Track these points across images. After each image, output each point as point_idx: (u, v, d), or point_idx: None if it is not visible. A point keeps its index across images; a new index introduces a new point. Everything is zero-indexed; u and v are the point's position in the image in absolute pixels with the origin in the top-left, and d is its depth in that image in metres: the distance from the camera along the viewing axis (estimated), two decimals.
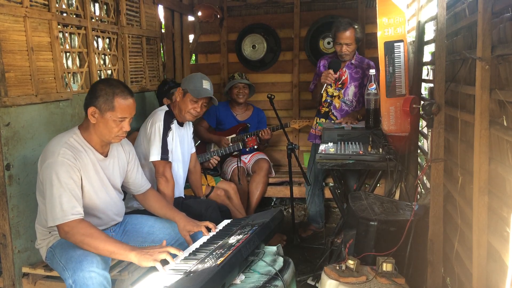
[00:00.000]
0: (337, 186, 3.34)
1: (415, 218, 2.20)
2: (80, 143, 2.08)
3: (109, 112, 2.03)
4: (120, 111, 2.05)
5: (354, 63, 3.48)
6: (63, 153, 1.97)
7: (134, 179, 2.39)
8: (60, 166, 1.95)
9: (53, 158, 1.96)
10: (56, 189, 1.93)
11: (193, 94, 2.71)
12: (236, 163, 3.81)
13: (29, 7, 2.33)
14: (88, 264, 1.86)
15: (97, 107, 2.03)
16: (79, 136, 2.10)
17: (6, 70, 2.18)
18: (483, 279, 1.79)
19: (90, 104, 2.04)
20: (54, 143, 2.03)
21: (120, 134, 2.11)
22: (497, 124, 1.72)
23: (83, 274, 1.84)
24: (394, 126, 2.66)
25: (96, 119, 2.05)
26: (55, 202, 1.92)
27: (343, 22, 3.34)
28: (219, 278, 1.59)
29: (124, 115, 2.06)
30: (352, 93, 3.51)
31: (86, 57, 2.87)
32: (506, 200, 1.62)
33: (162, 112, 2.72)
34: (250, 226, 2.14)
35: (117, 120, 2.05)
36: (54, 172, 1.94)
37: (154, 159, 2.64)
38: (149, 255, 1.85)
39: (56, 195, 1.92)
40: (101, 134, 2.09)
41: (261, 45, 4.60)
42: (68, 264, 1.91)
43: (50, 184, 1.94)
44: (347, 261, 2.00)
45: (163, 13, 4.09)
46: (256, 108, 4.21)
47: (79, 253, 1.92)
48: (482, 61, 1.72)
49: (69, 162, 1.98)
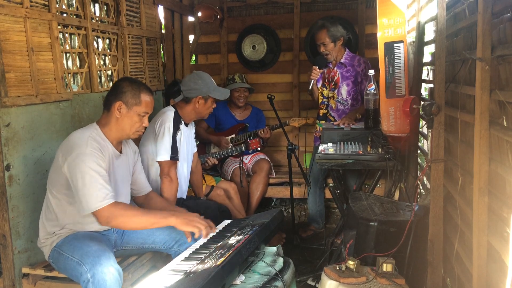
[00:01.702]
0: (337, 186, 3.35)
1: (415, 219, 2.20)
2: (101, 138, 2.15)
3: (135, 107, 2.15)
4: (145, 106, 2.17)
5: (344, 62, 3.51)
6: (89, 144, 2.04)
7: (137, 179, 2.43)
8: (89, 156, 2.01)
9: (80, 149, 2.01)
10: (89, 177, 1.98)
11: (221, 97, 2.82)
12: (238, 164, 3.80)
13: (29, 8, 2.33)
14: (106, 260, 1.92)
15: (123, 101, 2.13)
16: (99, 131, 2.16)
17: (6, 71, 2.18)
18: (483, 280, 1.79)
19: (116, 99, 2.14)
20: (77, 136, 2.09)
21: (140, 130, 2.22)
22: (497, 124, 1.72)
23: (102, 269, 1.88)
24: (394, 127, 2.66)
25: (121, 114, 2.14)
26: (90, 190, 1.97)
27: (316, 24, 3.57)
28: (219, 279, 1.59)
29: (147, 110, 2.19)
30: (345, 92, 3.53)
31: (86, 57, 2.87)
32: (506, 200, 1.62)
33: (171, 112, 2.73)
34: (250, 227, 2.14)
35: (141, 115, 2.17)
36: (84, 162, 1.99)
37: (162, 158, 2.65)
38: (189, 221, 2.04)
39: (89, 183, 1.97)
40: (122, 129, 2.17)
41: (261, 46, 4.60)
42: (84, 259, 1.94)
43: (82, 173, 1.98)
44: (347, 262, 2.00)
45: (163, 13, 4.09)
46: (255, 108, 4.21)
47: (95, 248, 1.98)
48: (482, 62, 1.72)
49: (97, 152, 2.04)
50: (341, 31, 3.46)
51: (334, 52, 3.47)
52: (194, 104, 2.78)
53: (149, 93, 2.21)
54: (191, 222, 2.05)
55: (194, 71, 2.92)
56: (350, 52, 3.57)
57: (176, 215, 2.07)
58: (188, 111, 2.80)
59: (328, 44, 3.43)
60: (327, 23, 3.44)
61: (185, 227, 2.04)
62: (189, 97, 2.76)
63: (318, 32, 3.46)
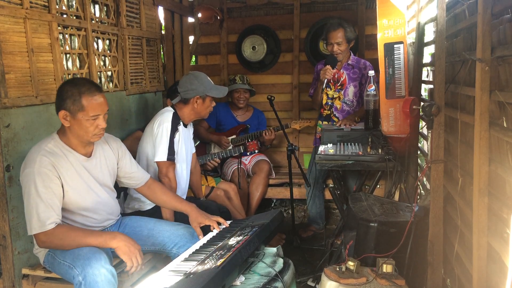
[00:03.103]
0: (337, 187, 3.35)
1: (415, 219, 2.20)
2: (60, 148, 2.07)
3: (79, 113, 1.99)
4: (90, 110, 2.00)
5: (351, 64, 3.54)
6: (39, 161, 1.97)
7: (130, 173, 2.38)
8: (37, 175, 1.95)
9: (31, 167, 1.96)
10: (33, 198, 1.94)
11: (218, 95, 2.82)
12: (237, 165, 3.81)
13: (29, 9, 2.33)
14: (96, 261, 1.89)
15: (66, 109, 1.99)
16: (58, 140, 2.08)
17: (6, 72, 2.18)
18: (483, 281, 1.79)
19: (60, 108, 2.01)
20: (33, 151, 2.03)
21: (98, 133, 2.07)
22: (497, 125, 1.72)
23: (93, 271, 1.86)
24: (394, 128, 2.67)
25: (69, 122, 2.02)
26: (32, 212, 1.94)
27: (333, 22, 3.48)
28: (219, 280, 1.59)
29: (95, 113, 2.01)
30: (352, 93, 3.57)
31: (86, 58, 2.87)
32: (506, 201, 1.62)
33: (170, 113, 2.73)
34: (250, 228, 2.14)
35: (90, 119, 2.01)
36: (32, 181, 1.95)
37: (159, 159, 2.64)
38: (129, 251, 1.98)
39: (33, 205, 1.94)
40: (78, 136, 2.07)
41: (261, 47, 4.60)
42: (75, 262, 1.93)
43: (28, 193, 1.95)
44: (347, 263, 2.00)
45: (163, 14, 4.09)
46: (256, 110, 4.21)
47: (85, 250, 1.95)
48: (482, 63, 1.72)
49: (46, 171, 1.97)
50: (355, 33, 3.49)
51: (345, 52, 3.49)
52: (193, 104, 2.78)
53: (93, 94, 2.00)
54: (130, 253, 1.99)
55: (190, 71, 2.93)
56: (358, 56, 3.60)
57: (118, 238, 2.00)
58: (187, 111, 2.81)
59: (343, 44, 3.42)
60: (344, 23, 3.43)
61: (122, 255, 1.99)
62: (186, 98, 2.76)
63: (334, 30, 3.41)
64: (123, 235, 2.04)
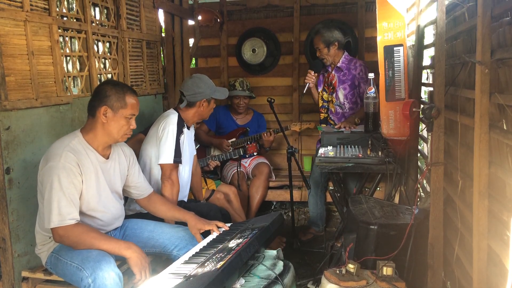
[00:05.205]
0: (337, 189, 3.34)
1: (415, 222, 2.20)
2: (83, 146, 2.11)
3: (121, 110, 2.12)
4: (131, 108, 2.14)
5: (341, 66, 3.55)
6: (65, 156, 2.00)
7: (136, 183, 2.41)
8: (62, 170, 1.97)
9: (55, 161, 1.99)
10: (56, 192, 1.95)
11: (221, 97, 2.88)
12: (237, 168, 3.80)
13: (29, 11, 2.33)
14: (106, 264, 1.91)
15: (109, 105, 2.10)
16: (81, 138, 2.13)
17: (7, 74, 2.18)
18: (483, 283, 1.79)
19: (101, 104, 2.10)
20: (57, 146, 2.06)
21: (128, 132, 2.19)
22: (497, 127, 1.72)
23: (103, 274, 1.87)
24: (394, 130, 2.67)
25: (107, 118, 2.11)
26: (54, 205, 1.95)
27: (317, 28, 3.67)
28: (219, 282, 1.59)
29: (133, 112, 2.16)
30: (342, 96, 3.57)
31: (87, 61, 2.88)
32: (506, 204, 1.62)
33: (175, 115, 2.74)
34: (250, 230, 2.14)
35: (127, 117, 2.14)
36: (55, 175, 1.96)
37: (165, 161, 2.64)
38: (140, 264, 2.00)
39: (55, 199, 1.95)
40: (109, 134, 2.14)
41: (261, 49, 4.61)
42: (85, 264, 1.93)
43: (50, 186, 1.96)
44: (347, 265, 1.99)
45: (163, 17, 4.10)
46: (257, 113, 4.21)
47: (95, 253, 1.96)
48: (482, 65, 1.73)
49: (71, 166, 2.00)
50: (335, 36, 3.49)
51: (330, 56, 3.53)
52: (198, 107, 2.80)
53: (134, 95, 2.18)
54: (141, 266, 2.01)
55: (193, 74, 2.93)
56: (349, 55, 3.59)
57: (132, 249, 2.02)
58: (191, 114, 2.82)
59: (322, 49, 3.51)
60: (321, 29, 3.56)
61: (134, 266, 2.00)
62: (193, 101, 2.78)
63: (315, 37, 3.60)
64: (137, 247, 2.05)
